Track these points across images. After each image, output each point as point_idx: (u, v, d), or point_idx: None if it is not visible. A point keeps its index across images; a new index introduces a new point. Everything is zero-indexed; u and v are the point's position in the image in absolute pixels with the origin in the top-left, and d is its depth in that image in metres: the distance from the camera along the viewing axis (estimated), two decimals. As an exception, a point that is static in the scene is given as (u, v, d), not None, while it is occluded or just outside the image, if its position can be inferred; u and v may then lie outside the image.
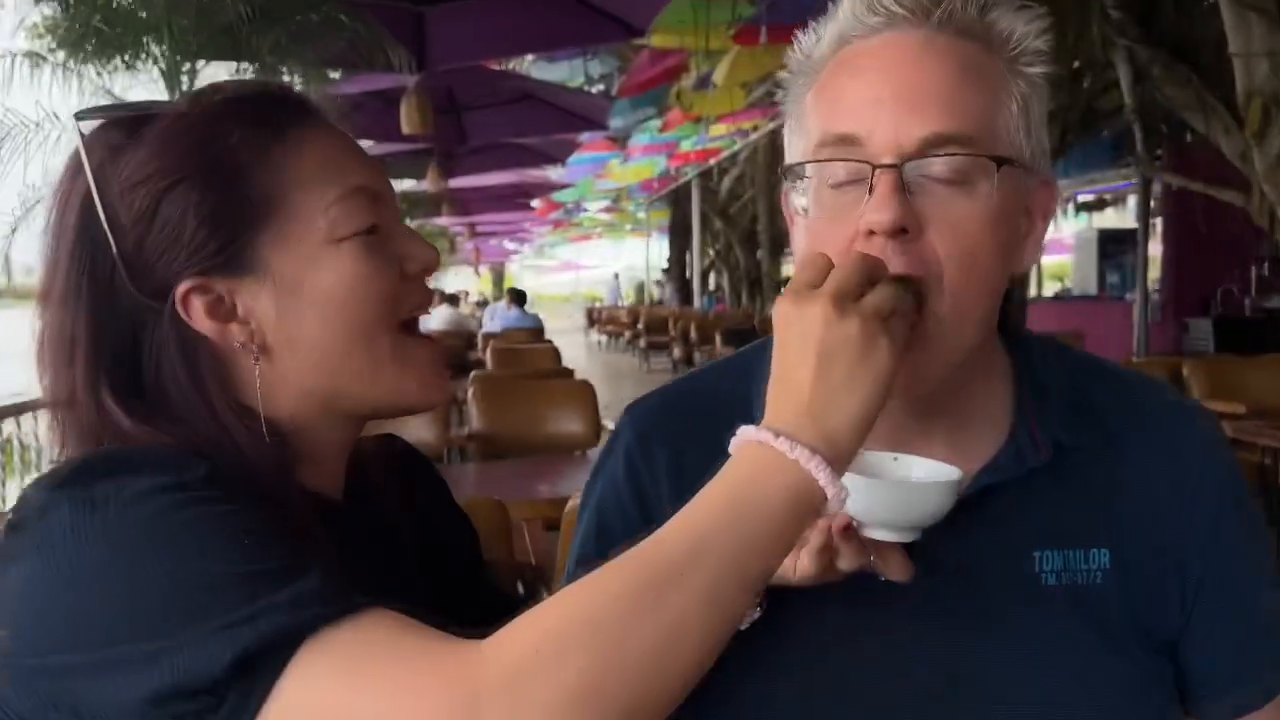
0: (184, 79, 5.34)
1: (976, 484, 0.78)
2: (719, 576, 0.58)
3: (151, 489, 0.61)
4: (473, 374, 5.07)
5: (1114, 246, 10.37)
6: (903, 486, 0.69)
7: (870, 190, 0.70)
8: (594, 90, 10.73)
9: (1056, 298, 11.97)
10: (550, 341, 7.69)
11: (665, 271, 22.46)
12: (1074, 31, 6.98)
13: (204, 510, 0.61)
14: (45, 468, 0.68)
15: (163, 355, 0.70)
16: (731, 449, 0.64)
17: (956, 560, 0.78)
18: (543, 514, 2.24)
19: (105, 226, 0.67)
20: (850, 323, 0.62)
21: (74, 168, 0.70)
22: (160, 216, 0.67)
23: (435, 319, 11.06)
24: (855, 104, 0.72)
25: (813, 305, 0.63)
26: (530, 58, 9.51)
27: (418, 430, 4.05)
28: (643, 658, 0.55)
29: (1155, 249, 9.29)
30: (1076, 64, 7.88)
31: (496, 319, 11.05)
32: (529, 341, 8.00)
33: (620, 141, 12.63)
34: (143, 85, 5.24)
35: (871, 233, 0.70)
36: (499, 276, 36.41)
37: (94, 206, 0.68)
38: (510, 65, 9.55)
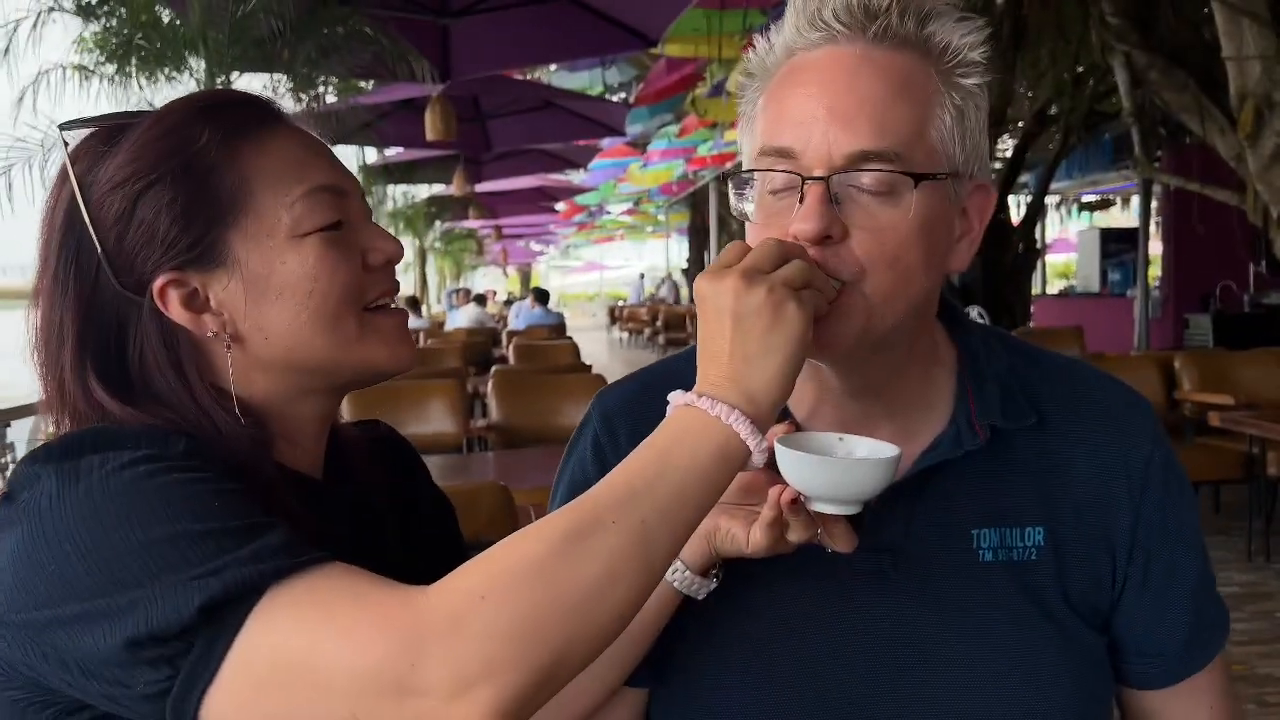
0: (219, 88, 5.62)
1: (917, 466, 0.80)
2: (650, 522, 0.61)
3: (132, 461, 0.65)
4: (494, 369, 5.32)
5: (1116, 245, 10.41)
6: (844, 463, 0.72)
7: (801, 199, 0.73)
8: (614, 98, 10.94)
9: (1061, 295, 12.01)
10: (570, 338, 7.91)
11: (685, 272, 22.64)
12: (1075, 37, 7.10)
13: (179, 477, 0.64)
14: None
15: (145, 345, 0.73)
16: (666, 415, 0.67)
17: (900, 538, 0.81)
18: (548, 499, 2.48)
19: (89, 227, 0.71)
20: (758, 292, 0.66)
21: (62, 174, 0.73)
22: (137, 216, 0.71)
23: (461, 317, 11.34)
24: (793, 119, 0.74)
25: (725, 280, 0.67)
26: (553, 67, 9.74)
27: (440, 422, 4.30)
28: (578, 598, 0.59)
29: (1158, 248, 9.38)
30: (1080, 69, 8.00)
31: (521, 317, 11.29)
32: (550, 338, 8.22)
33: (640, 146, 12.84)
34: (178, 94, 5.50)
35: (798, 237, 0.72)
36: (526, 277, 36.68)
37: (79, 209, 0.72)
38: (533, 75, 9.78)
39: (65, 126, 0.74)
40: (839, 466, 0.71)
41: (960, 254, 0.80)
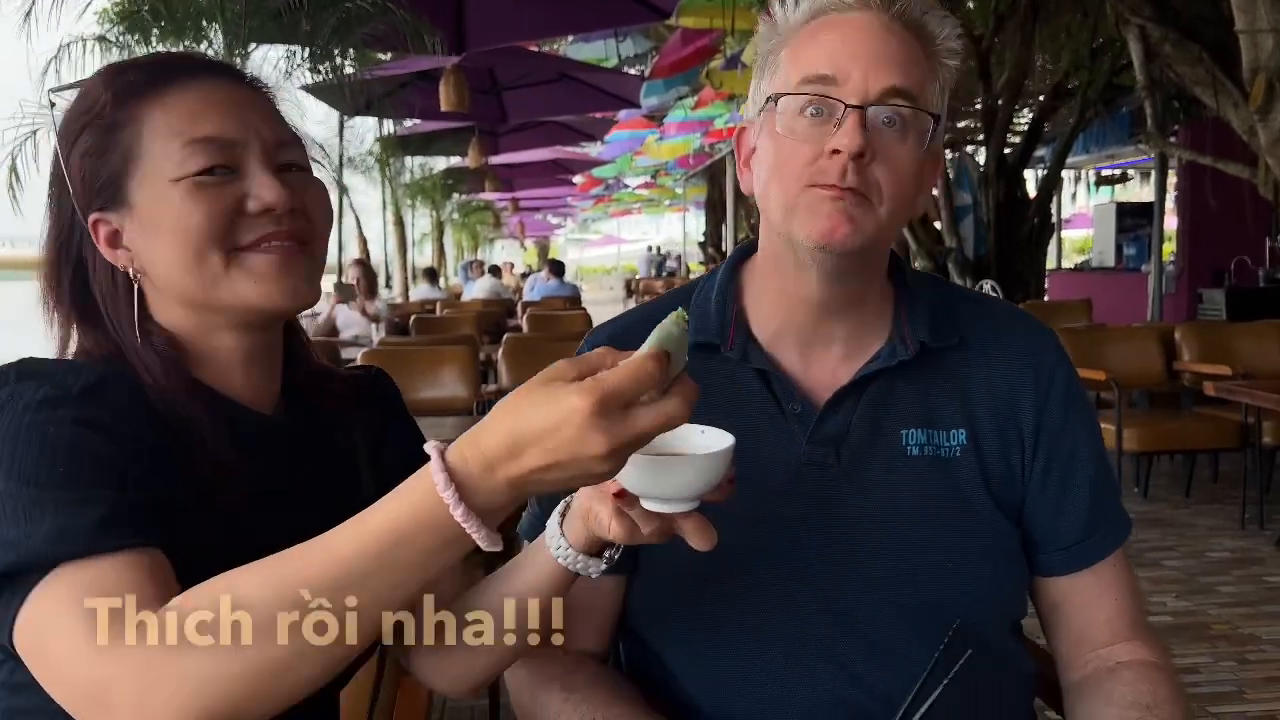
0: (238, 60, 5.73)
1: (860, 373, 0.94)
2: (361, 603, 0.63)
3: (32, 400, 0.71)
4: (505, 336, 5.44)
5: (1131, 220, 10.38)
6: (660, 462, 0.68)
7: (839, 123, 0.86)
8: (630, 70, 10.95)
9: (1076, 269, 11.98)
10: (583, 309, 8.01)
11: (701, 245, 22.63)
12: (1092, 9, 7.06)
13: (52, 431, 0.70)
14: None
15: (99, 277, 0.83)
16: (428, 449, 0.63)
17: (842, 434, 0.94)
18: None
19: (64, 173, 0.82)
20: (598, 440, 0.59)
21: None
22: (72, 163, 0.81)
23: (477, 289, 11.45)
24: (835, 54, 0.88)
25: (571, 399, 0.59)
26: (568, 39, 9.76)
27: (452, 386, 4.44)
28: (266, 673, 0.62)
29: (1174, 223, 9.33)
30: (1099, 41, 7.95)
31: (536, 289, 11.39)
32: (564, 309, 8.33)
33: (657, 119, 12.85)
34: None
35: (835, 152, 0.85)
36: (544, 250, 36.75)
37: (59, 157, 0.83)
38: (549, 46, 9.80)
39: (54, 90, 0.85)
40: (652, 465, 0.68)
41: (923, 203, 0.94)
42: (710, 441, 0.72)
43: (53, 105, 0.84)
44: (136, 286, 0.82)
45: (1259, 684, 2.76)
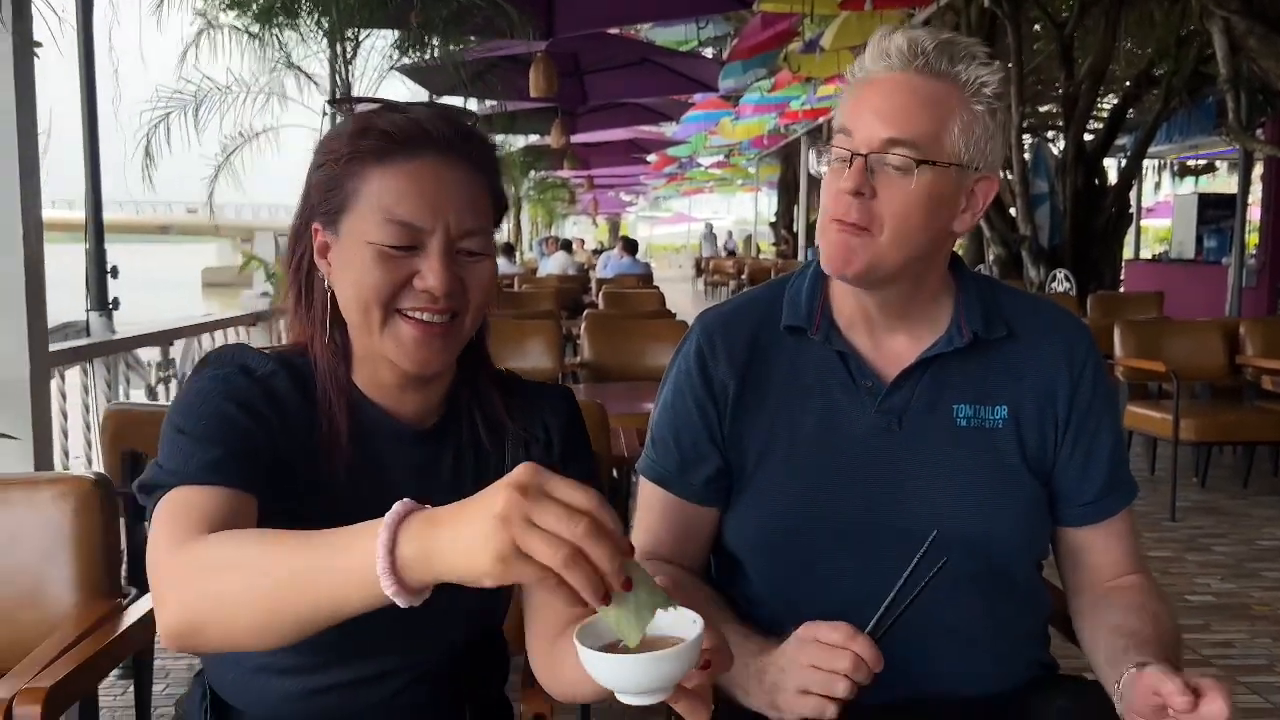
0: (347, 46, 6.09)
1: (921, 357, 1.13)
2: (275, 604, 0.73)
3: (208, 372, 0.96)
4: (586, 312, 5.74)
5: (1213, 211, 10.16)
6: (622, 663, 0.67)
7: (849, 165, 1.06)
8: (707, 52, 11.07)
9: (1153, 260, 11.78)
10: (656, 287, 8.27)
11: (773, 225, 22.64)
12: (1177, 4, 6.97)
13: (210, 402, 0.93)
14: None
15: (314, 269, 0.99)
16: (386, 520, 0.67)
17: (901, 404, 1.14)
18: (637, 425, 2.86)
19: (310, 169, 0.98)
20: (500, 500, 0.63)
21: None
22: (314, 180, 0.97)
23: (552, 264, 11.77)
24: (852, 115, 1.08)
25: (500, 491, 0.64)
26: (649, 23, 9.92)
27: (538, 358, 4.75)
28: (220, 604, 0.76)
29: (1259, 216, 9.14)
30: (1186, 29, 7.84)
31: (610, 266, 11.63)
32: (637, 287, 8.58)
33: (732, 99, 12.96)
34: (313, 52, 6.03)
35: (841, 190, 1.06)
36: (615, 227, 37.01)
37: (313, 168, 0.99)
38: (631, 30, 9.99)
39: (331, 102, 1.17)
40: (608, 664, 0.68)
41: (964, 221, 1.11)
42: (676, 626, 0.70)
43: (324, 114, 1.12)
44: (330, 293, 0.98)
45: (1292, 660, 2.93)
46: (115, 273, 4.49)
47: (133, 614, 1.44)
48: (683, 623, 0.70)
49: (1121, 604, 1.14)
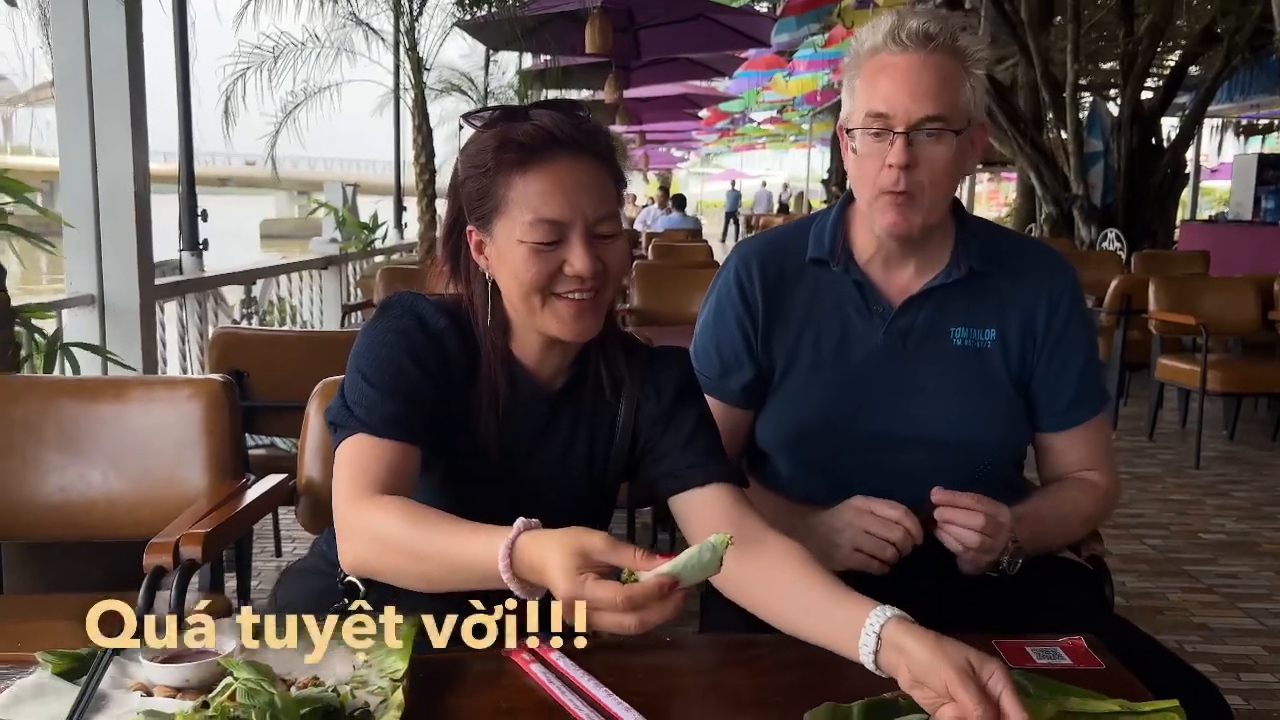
0: (413, 2, 6.32)
1: (925, 286, 1.31)
2: (438, 582, 0.94)
3: (393, 325, 1.08)
4: (635, 262, 5.97)
5: (1273, 172, 9.89)
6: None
7: (891, 143, 1.21)
8: (761, 7, 11.04)
9: (1209, 220, 11.56)
10: (705, 241, 8.44)
11: (824, 182, 22.52)
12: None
13: (391, 352, 1.06)
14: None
15: (470, 257, 1.12)
16: (515, 530, 0.87)
17: (907, 327, 1.31)
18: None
19: (460, 178, 1.09)
20: (565, 584, 0.82)
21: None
22: (467, 186, 1.07)
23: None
24: (886, 95, 1.21)
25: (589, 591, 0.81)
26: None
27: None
28: (389, 565, 0.97)
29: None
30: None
31: (659, 221, 11.79)
32: (686, 240, 8.76)
33: (786, 55, 12.92)
34: (380, 10, 6.26)
35: (890, 165, 1.21)
36: (665, 182, 36.82)
37: (458, 166, 1.10)
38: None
39: (465, 116, 1.12)
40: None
41: (969, 167, 1.28)
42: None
43: (461, 128, 1.26)
44: (490, 282, 1.10)
45: (1292, 593, 3.10)
46: (205, 216, 4.84)
47: (252, 493, 1.71)
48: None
49: (1060, 483, 1.38)
